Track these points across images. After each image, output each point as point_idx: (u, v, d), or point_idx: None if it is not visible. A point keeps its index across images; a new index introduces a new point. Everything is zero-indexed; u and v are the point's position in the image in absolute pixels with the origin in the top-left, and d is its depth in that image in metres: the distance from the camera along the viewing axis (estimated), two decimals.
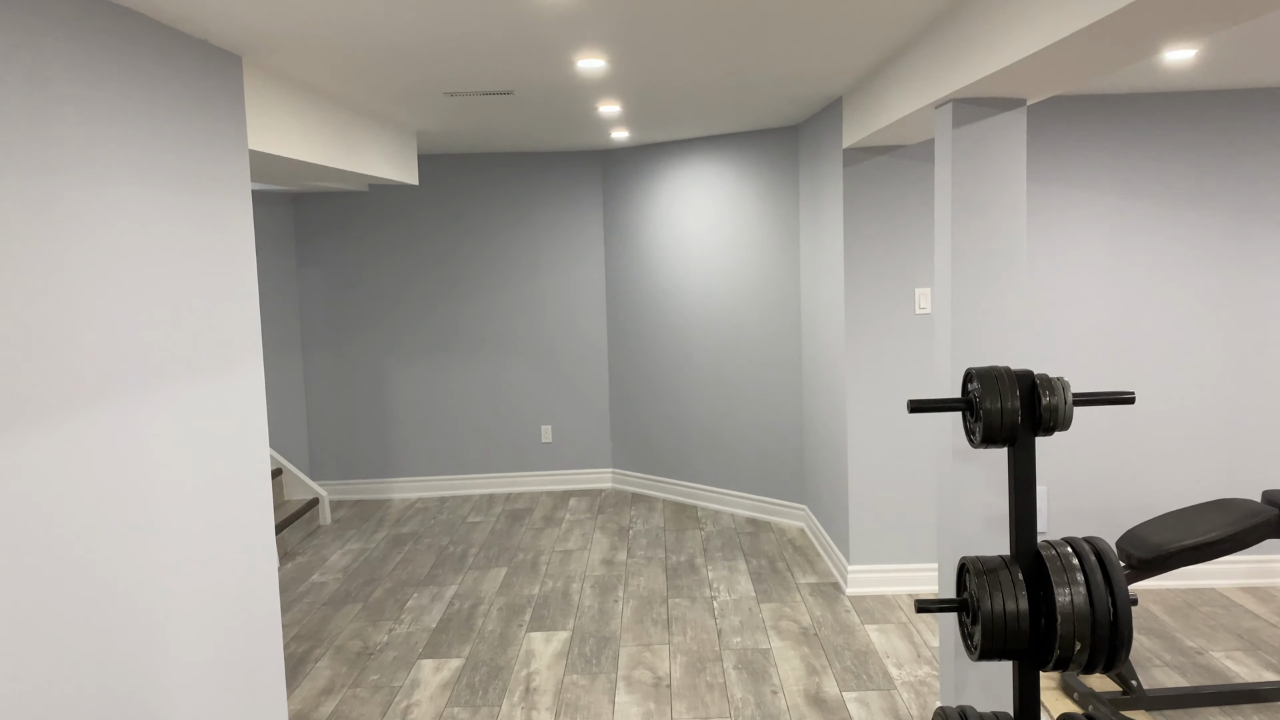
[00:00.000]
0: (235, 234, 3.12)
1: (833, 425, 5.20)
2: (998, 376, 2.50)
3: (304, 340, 7.09)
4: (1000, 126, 3.10)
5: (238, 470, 3.10)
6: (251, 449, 3.20)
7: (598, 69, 3.71)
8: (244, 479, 3.13)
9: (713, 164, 6.28)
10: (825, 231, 5.20)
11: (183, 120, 2.81)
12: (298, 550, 5.98)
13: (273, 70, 3.45)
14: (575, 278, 7.08)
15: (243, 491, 3.13)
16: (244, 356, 3.15)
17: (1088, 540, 2.57)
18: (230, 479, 3.06)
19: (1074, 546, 2.54)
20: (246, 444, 3.16)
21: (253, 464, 3.20)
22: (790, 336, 6.00)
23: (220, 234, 3.04)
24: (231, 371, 3.08)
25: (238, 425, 3.11)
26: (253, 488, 3.21)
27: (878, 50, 3.57)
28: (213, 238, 3.00)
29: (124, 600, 2.46)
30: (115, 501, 2.43)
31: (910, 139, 4.44)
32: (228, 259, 3.07)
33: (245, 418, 3.17)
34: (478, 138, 5.98)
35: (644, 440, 6.95)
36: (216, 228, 3.02)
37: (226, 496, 3.03)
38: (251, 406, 3.21)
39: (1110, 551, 2.52)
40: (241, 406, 3.14)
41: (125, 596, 2.46)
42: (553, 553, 5.72)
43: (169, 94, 2.72)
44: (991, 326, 3.12)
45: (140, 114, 2.57)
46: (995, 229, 3.11)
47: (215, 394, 2.98)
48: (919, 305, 4.78)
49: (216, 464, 2.97)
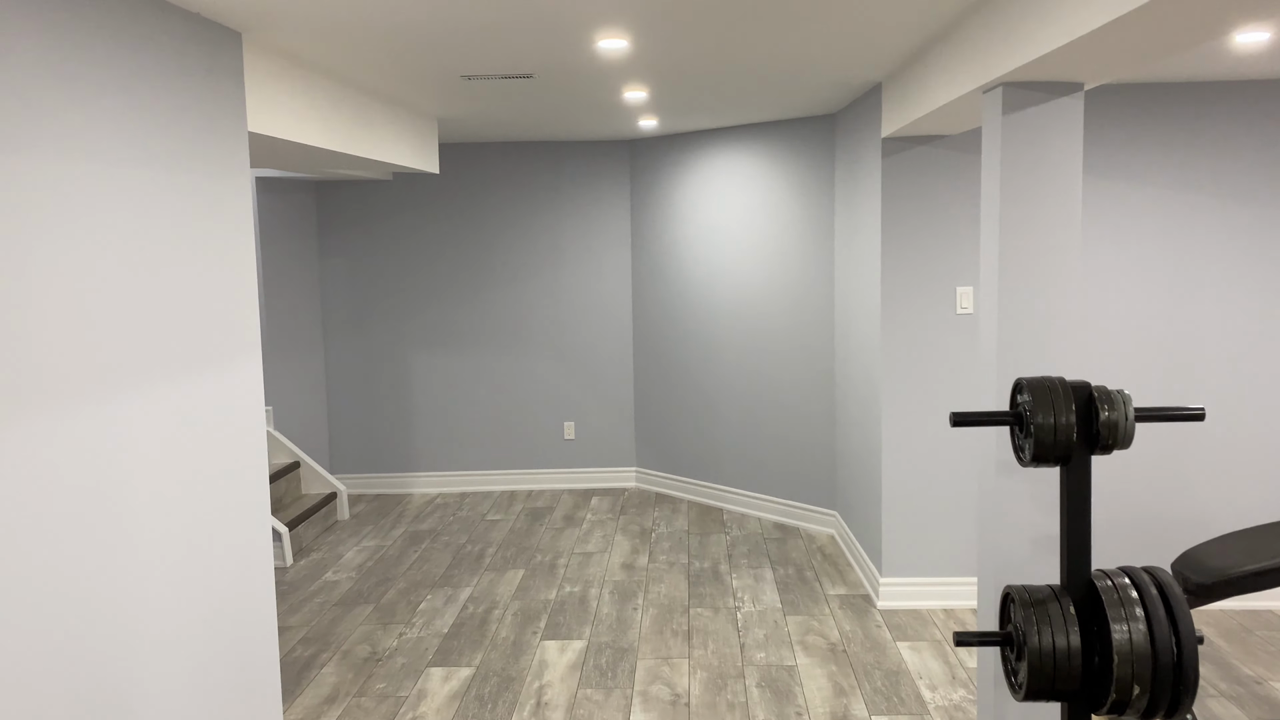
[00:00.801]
0: (232, 221, 2.95)
1: (866, 428, 4.96)
2: (1051, 388, 2.26)
3: (325, 331, 6.95)
4: (1054, 113, 2.84)
5: (232, 471, 2.93)
6: (248, 449, 3.02)
7: (620, 50, 3.49)
8: (239, 481, 2.96)
9: (745, 154, 6.04)
10: (862, 225, 4.96)
11: (175, 99, 2.63)
12: (313, 546, 5.83)
13: (275, 48, 3.27)
14: (601, 270, 6.88)
15: (237, 495, 2.96)
16: (241, 351, 2.98)
17: (1147, 570, 2.33)
18: (223, 481, 2.88)
19: (1132, 577, 2.30)
20: (242, 444, 2.99)
21: (249, 464, 3.03)
22: (823, 334, 5.76)
23: (216, 221, 2.86)
24: (227, 367, 2.91)
25: (233, 423, 2.94)
26: (249, 490, 3.03)
27: (922, 29, 3.32)
28: (208, 225, 2.82)
29: (99, 607, 2.28)
30: (92, 504, 2.26)
31: (954, 128, 4.18)
32: (223, 248, 2.90)
33: (241, 415, 2.99)
34: (503, 126, 5.79)
35: (669, 439, 6.74)
36: (212, 214, 2.84)
37: (219, 500, 2.86)
38: (248, 403, 3.03)
39: (1173, 584, 2.27)
40: (238, 403, 2.97)
41: (101, 602, 2.29)
42: (572, 555, 5.53)
43: (160, 71, 2.54)
44: (1042, 332, 2.87)
45: (127, 89, 2.40)
46: (1047, 225, 2.86)
47: (208, 390, 2.81)
48: (960, 304, 4.52)
49: (208, 465, 2.80)
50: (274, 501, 5.99)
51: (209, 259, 2.82)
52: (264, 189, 6.18)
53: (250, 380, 3.04)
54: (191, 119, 2.72)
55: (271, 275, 6.25)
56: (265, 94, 3.18)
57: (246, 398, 3.02)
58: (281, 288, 6.38)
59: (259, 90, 3.14)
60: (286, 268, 6.46)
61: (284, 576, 5.30)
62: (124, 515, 2.40)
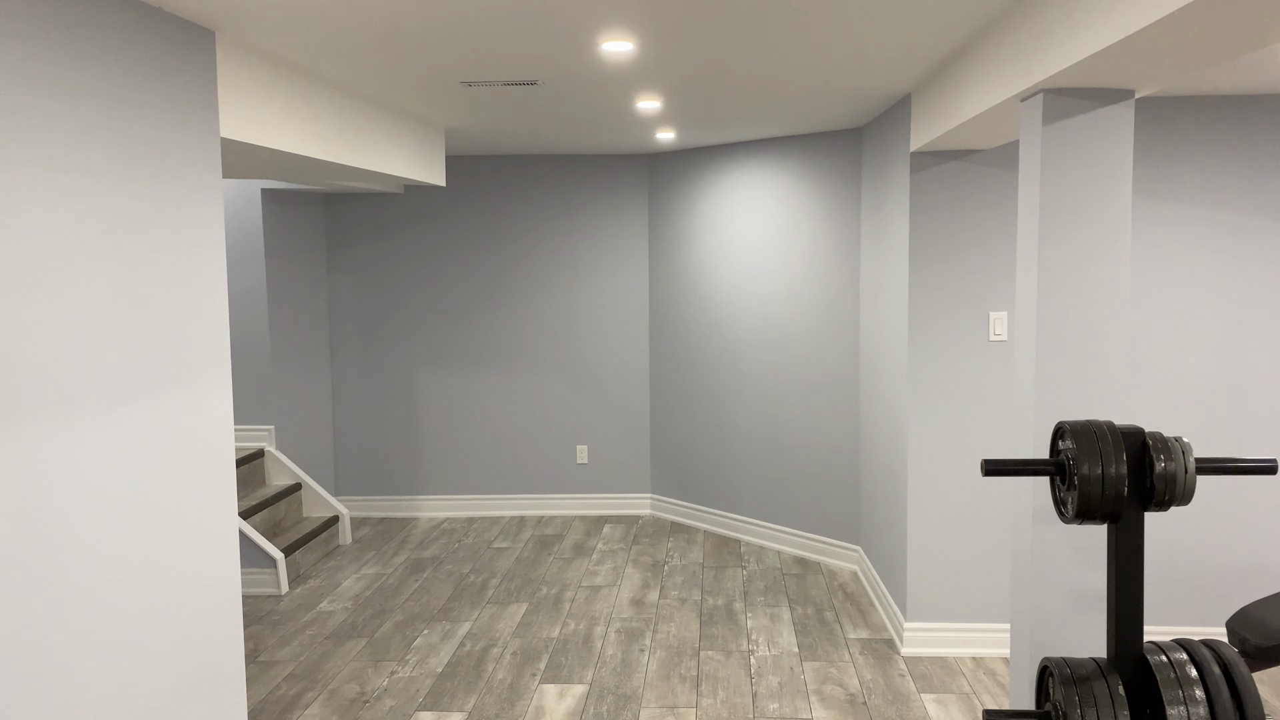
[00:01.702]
0: (201, 234, 2.72)
1: (892, 461, 4.66)
2: (1098, 434, 1.97)
3: (332, 347, 6.74)
4: (1101, 123, 2.56)
5: (195, 505, 2.69)
6: (214, 479, 2.79)
7: (625, 54, 3.24)
8: (202, 516, 2.72)
9: (767, 169, 5.78)
10: (889, 245, 4.67)
11: (136, 101, 2.42)
12: (311, 573, 5.60)
13: (253, 48, 3.05)
14: (617, 289, 6.63)
15: (201, 530, 2.72)
16: (208, 373, 2.75)
17: (1207, 644, 2.03)
18: (185, 515, 2.64)
19: (1191, 652, 2.00)
20: (207, 474, 2.75)
21: (215, 496, 2.79)
22: (847, 359, 5.47)
23: (183, 234, 2.64)
24: (192, 390, 2.68)
25: (197, 452, 2.70)
26: (214, 525, 2.80)
27: (955, 31, 3.05)
28: (174, 238, 2.60)
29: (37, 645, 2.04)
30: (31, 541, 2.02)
31: (988, 141, 3.90)
32: (191, 263, 2.67)
33: (207, 443, 2.76)
34: (515, 138, 5.57)
35: (686, 466, 6.46)
36: (178, 226, 2.62)
37: (180, 536, 2.62)
38: (216, 430, 2.80)
39: (1239, 662, 1.97)
40: (203, 430, 2.73)
41: (38, 642, 2.05)
42: (579, 588, 5.26)
43: (122, 71, 2.33)
44: (1085, 368, 2.58)
45: (83, 91, 2.18)
46: (1093, 247, 2.57)
47: (170, 416, 2.58)
48: (993, 331, 4.22)
49: (166, 498, 2.56)
50: (273, 525, 5.77)
51: (174, 274, 2.59)
52: (270, 200, 6.00)
53: (217, 404, 2.80)
54: (155, 123, 2.50)
55: (276, 288, 6.06)
56: (241, 97, 2.97)
57: (215, 425, 2.79)
58: (286, 301, 6.19)
59: (234, 93, 2.93)
60: (292, 281, 6.27)
61: (277, 605, 5.07)
62: (66, 551, 2.16)
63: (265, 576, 5.25)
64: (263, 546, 5.24)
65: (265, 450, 6.03)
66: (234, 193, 5.92)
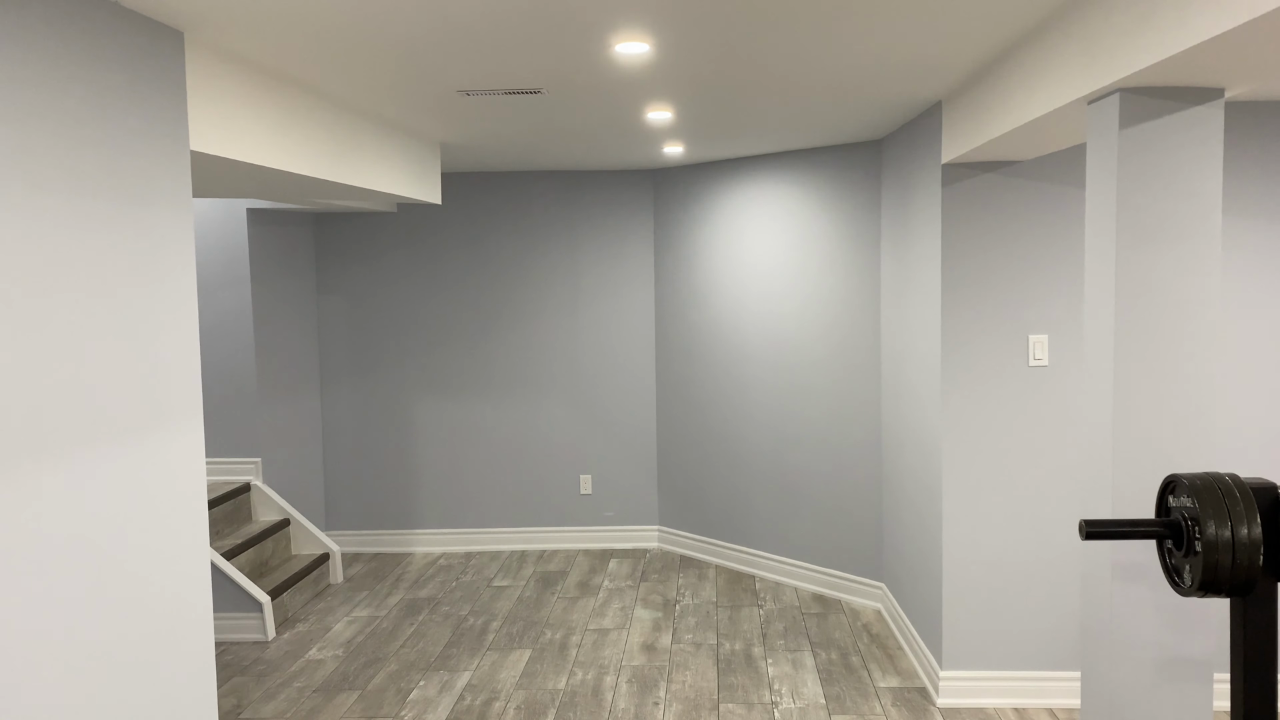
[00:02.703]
0: (169, 257, 2.41)
1: (922, 493, 4.34)
2: (1224, 490, 1.66)
3: (322, 374, 6.42)
4: (1187, 125, 2.26)
5: (162, 558, 2.37)
6: (184, 528, 2.46)
7: (640, 56, 2.95)
8: (172, 570, 2.40)
9: (779, 185, 5.48)
10: (916, 264, 4.37)
11: (94, 111, 2.11)
12: (300, 616, 5.26)
13: (227, 53, 2.75)
14: (621, 311, 6.32)
15: (170, 595, 2.39)
16: (175, 412, 2.43)
17: None
18: (151, 577, 2.32)
19: None
20: (176, 522, 2.43)
21: (185, 547, 2.47)
22: (868, 385, 5.16)
23: (148, 257, 2.33)
24: (157, 431, 2.36)
25: (164, 503, 2.38)
26: (186, 588, 2.47)
27: (1005, 29, 2.75)
28: (138, 262, 2.29)
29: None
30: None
31: (1028, 151, 3.61)
32: (156, 290, 2.36)
33: (175, 488, 2.44)
34: (514, 154, 5.27)
35: (696, 496, 6.13)
36: (143, 249, 2.31)
37: (146, 604, 2.30)
38: (185, 474, 2.48)
39: None
40: (171, 475, 2.41)
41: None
42: (585, 631, 4.92)
43: (74, 75, 2.02)
44: (1175, 406, 2.27)
45: (26, 98, 1.87)
46: (1179, 268, 2.27)
47: (132, 461, 2.25)
48: (1034, 355, 3.92)
49: (129, 551, 2.23)
50: (259, 564, 5.43)
51: (136, 303, 2.28)
52: (256, 221, 5.68)
53: (186, 445, 2.48)
54: (114, 134, 2.19)
55: (262, 313, 5.74)
56: (214, 107, 2.66)
57: (185, 472, 2.47)
58: (273, 327, 5.87)
59: (206, 103, 2.62)
60: (279, 306, 5.95)
61: (263, 653, 4.73)
62: (5, 617, 1.84)
63: (251, 621, 4.91)
64: (247, 589, 4.90)
65: (251, 484, 5.70)
66: (218, 213, 5.61)
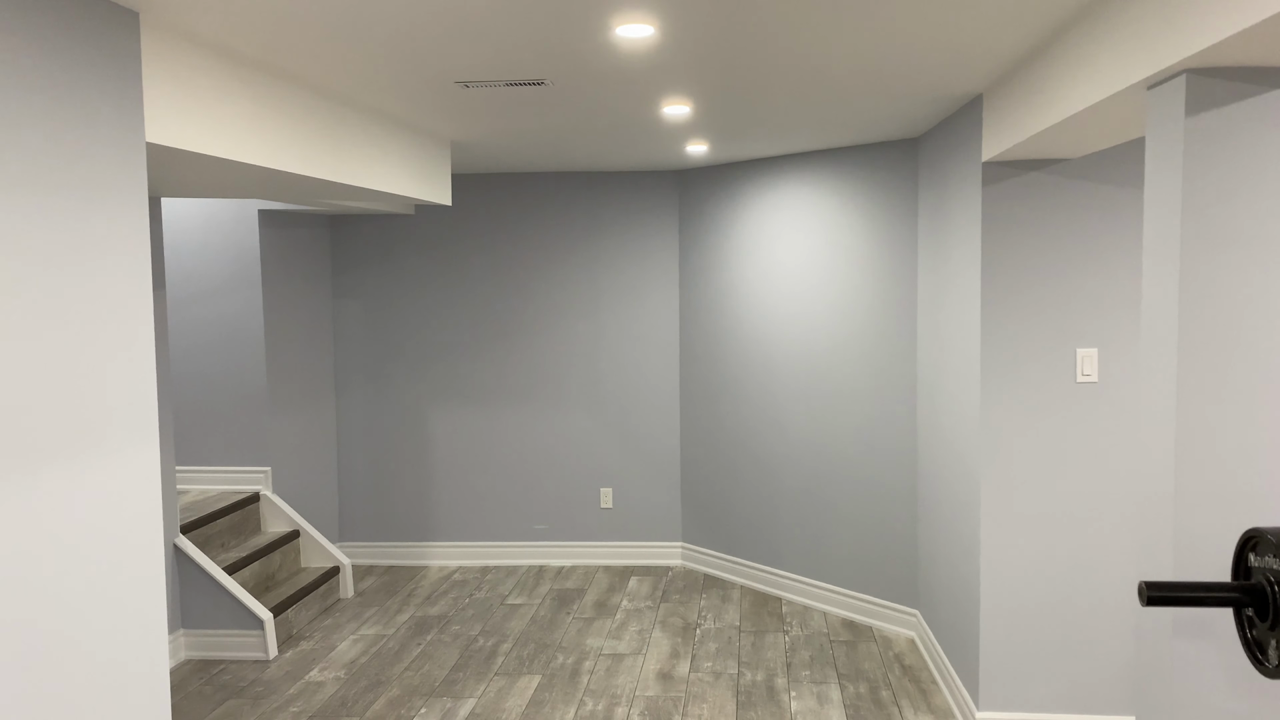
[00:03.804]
0: (121, 262, 2.19)
1: (959, 517, 4.03)
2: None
3: (337, 381, 6.23)
4: (1264, 113, 1.96)
5: (113, 602, 2.15)
6: (134, 564, 2.24)
7: (645, 40, 2.69)
8: (123, 618, 2.18)
9: (810, 186, 5.19)
10: (954, 270, 4.07)
11: (32, 94, 1.89)
12: (305, 633, 5.06)
13: (189, 34, 2.53)
14: (644, 318, 6.06)
15: (119, 644, 2.17)
16: (127, 432, 2.21)
17: None
18: (94, 612, 2.10)
19: None
20: (125, 559, 2.21)
21: (135, 586, 2.24)
22: (903, 399, 4.85)
23: (97, 261, 2.11)
24: (107, 454, 2.14)
25: (114, 532, 2.16)
26: (140, 634, 2.25)
27: (1053, 11, 2.46)
28: (85, 266, 2.07)
29: None
30: None
31: (1076, 148, 3.30)
32: (107, 297, 2.14)
33: (126, 520, 2.22)
34: (531, 154, 5.04)
35: (721, 512, 5.85)
36: (91, 253, 2.09)
37: (85, 639, 2.08)
38: (138, 504, 2.26)
39: None
40: (120, 504, 2.19)
41: None
42: (599, 656, 4.66)
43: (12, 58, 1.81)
44: (1251, 444, 1.96)
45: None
46: (1255, 277, 1.96)
47: (72, 488, 2.04)
48: (1081, 371, 3.60)
49: (69, 589, 2.02)
50: (266, 578, 5.24)
51: (78, 310, 2.06)
52: (268, 222, 5.51)
53: (143, 473, 2.26)
54: (55, 122, 1.98)
55: (274, 318, 5.55)
56: (175, 95, 2.44)
57: (137, 498, 2.25)
58: (285, 332, 5.69)
59: (166, 90, 2.40)
60: (292, 310, 5.76)
61: (262, 673, 4.53)
62: None
63: (251, 639, 4.72)
64: (248, 606, 4.71)
65: (260, 494, 5.52)
66: (228, 214, 5.44)
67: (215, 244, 5.46)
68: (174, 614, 4.69)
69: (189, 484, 5.58)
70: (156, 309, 4.65)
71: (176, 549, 4.71)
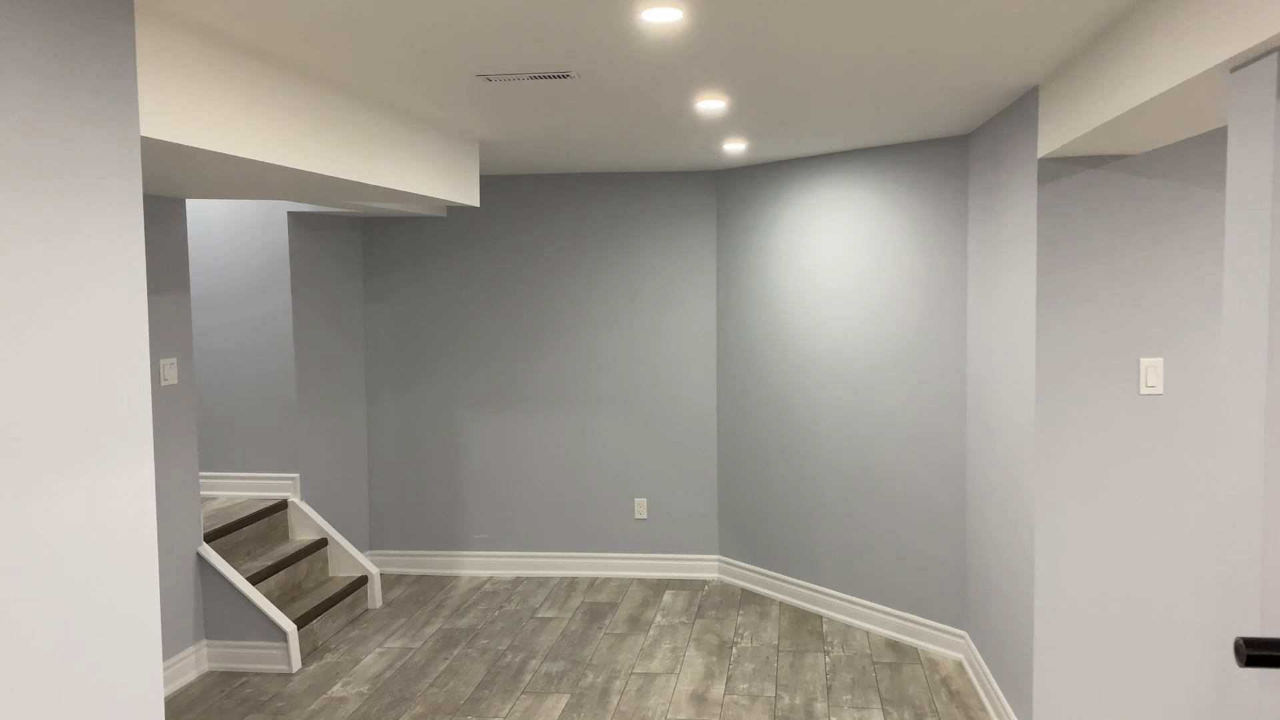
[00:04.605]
0: (114, 265, 2.06)
1: (1012, 537, 3.80)
2: None
3: (368, 387, 6.12)
4: None
5: (104, 622, 2.01)
6: (125, 587, 2.10)
7: (673, 26, 2.51)
8: (114, 639, 2.04)
9: (855, 186, 4.98)
10: (1008, 275, 3.84)
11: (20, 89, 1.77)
12: (331, 644, 4.94)
13: (187, 23, 2.40)
14: (681, 323, 5.87)
15: (110, 667, 2.04)
16: (118, 444, 2.08)
17: None
18: (85, 643, 1.96)
19: None
20: (114, 581, 2.07)
21: (132, 611, 2.11)
22: (952, 409, 4.62)
23: (87, 264, 1.98)
24: (98, 466, 2.01)
25: (105, 550, 2.03)
26: (132, 657, 2.11)
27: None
28: (74, 269, 1.94)
29: None
30: None
31: (1141, 142, 3.06)
32: (98, 302, 2.01)
33: (119, 536, 2.08)
34: (564, 153, 4.88)
35: (759, 525, 5.64)
36: (80, 255, 1.96)
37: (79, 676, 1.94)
38: (129, 519, 2.12)
39: None
40: (109, 520, 2.06)
41: None
42: (631, 675, 4.48)
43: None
44: None
45: None
46: None
47: (61, 506, 1.91)
48: (1146, 382, 3.35)
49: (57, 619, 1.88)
50: (292, 587, 5.14)
51: (79, 317, 1.93)
52: (297, 225, 5.41)
53: (136, 486, 2.13)
54: (41, 113, 1.85)
55: (304, 322, 5.46)
56: (173, 87, 2.31)
57: (131, 512, 2.11)
58: (315, 337, 5.59)
59: (163, 81, 2.27)
60: (322, 314, 5.66)
61: (284, 687, 4.41)
62: None
63: (275, 652, 4.61)
64: (272, 617, 4.60)
65: (289, 501, 5.42)
66: (257, 216, 5.36)
67: (244, 246, 5.37)
68: (196, 625, 4.59)
69: (216, 490, 5.50)
70: (182, 312, 4.56)
71: (199, 557, 4.62)
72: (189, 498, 4.58)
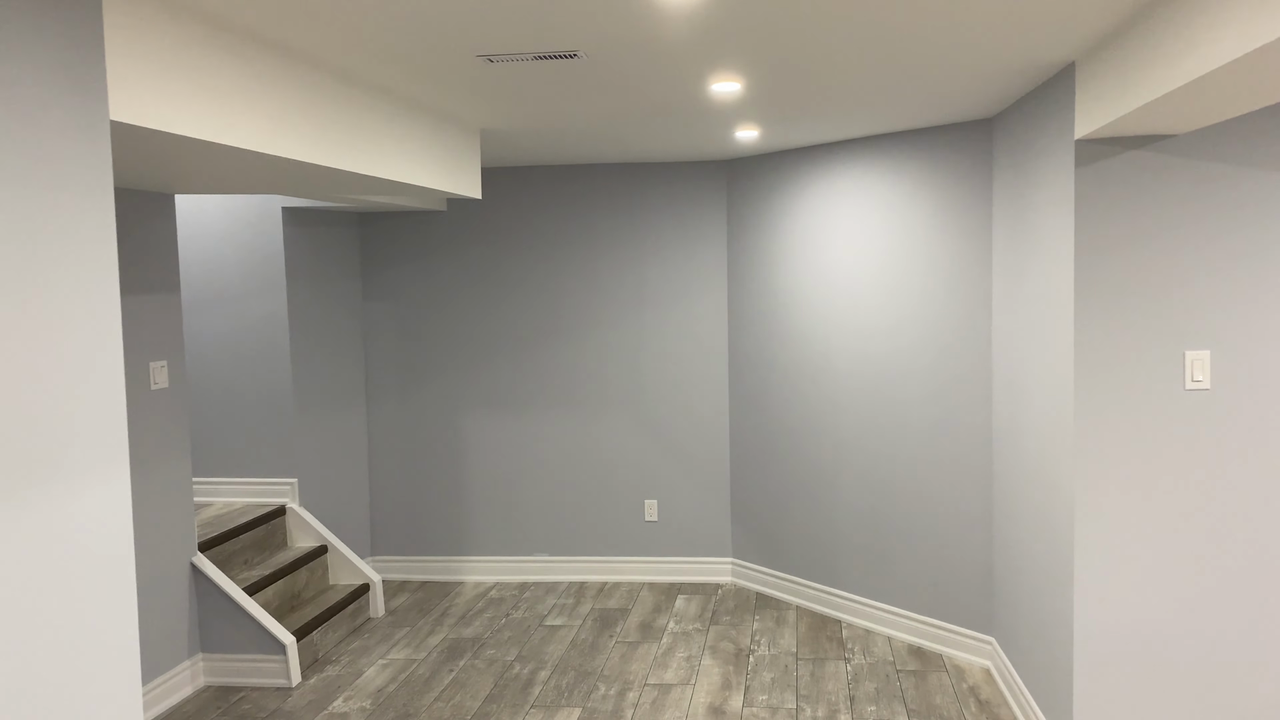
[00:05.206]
0: (82, 262, 1.87)
1: (1047, 540, 3.60)
2: None
3: (368, 387, 5.93)
4: None
5: (77, 650, 1.82)
6: (99, 618, 1.91)
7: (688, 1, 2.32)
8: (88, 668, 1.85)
9: (871, 174, 4.78)
10: (1040, 264, 3.64)
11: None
12: (331, 656, 4.76)
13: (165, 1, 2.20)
14: (691, 319, 5.68)
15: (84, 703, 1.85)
16: (88, 460, 1.89)
17: None
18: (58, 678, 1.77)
19: None
20: (87, 609, 1.88)
21: (107, 638, 1.92)
22: (977, 405, 4.42)
23: (53, 261, 1.79)
24: (65, 483, 1.82)
25: (75, 576, 1.84)
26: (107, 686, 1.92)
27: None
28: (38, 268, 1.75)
29: None
30: None
31: (1187, 121, 2.86)
32: (64, 303, 1.82)
33: (87, 559, 1.89)
34: (569, 142, 4.68)
35: (774, 527, 5.45)
36: (45, 252, 1.77)
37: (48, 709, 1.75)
38: (102, 541, 1.93)
39: None
40: (81, 542, 1.87)
41: None
42: (644, 686, 4.30)
43: None
44: None
45: None
46: None
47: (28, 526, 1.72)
48: (1192, 376, 3.16)
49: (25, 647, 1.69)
50: (291, 596, 4.95)
51: (27, 320, 1.74)
52: (293, 220, 5.22)
53: (105, 503, 1.94)
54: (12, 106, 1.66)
55: (301, 321, 5.26)
56: (145, 68, 2.12)
57: (98, 533, 1.92)
58: (313, 336, 5.40)
59: (134, 62, 2.08)
60: (320, 313, 5.47)
61: (284, 703, 4.23)
62: None
63: (273, 665, 4.42)
64: (270, 630, 4.41)
65: (287, 507, 5.23)
66: (250, 211, 5.16)
67: (237, 244, 5.18)
68: (191, 638, 4.41)
69: (212, 496, 5.31)
70: (172, 312, 4.37)
71: (194, 568, 4.43)
72: (182, 505, 4.40)
